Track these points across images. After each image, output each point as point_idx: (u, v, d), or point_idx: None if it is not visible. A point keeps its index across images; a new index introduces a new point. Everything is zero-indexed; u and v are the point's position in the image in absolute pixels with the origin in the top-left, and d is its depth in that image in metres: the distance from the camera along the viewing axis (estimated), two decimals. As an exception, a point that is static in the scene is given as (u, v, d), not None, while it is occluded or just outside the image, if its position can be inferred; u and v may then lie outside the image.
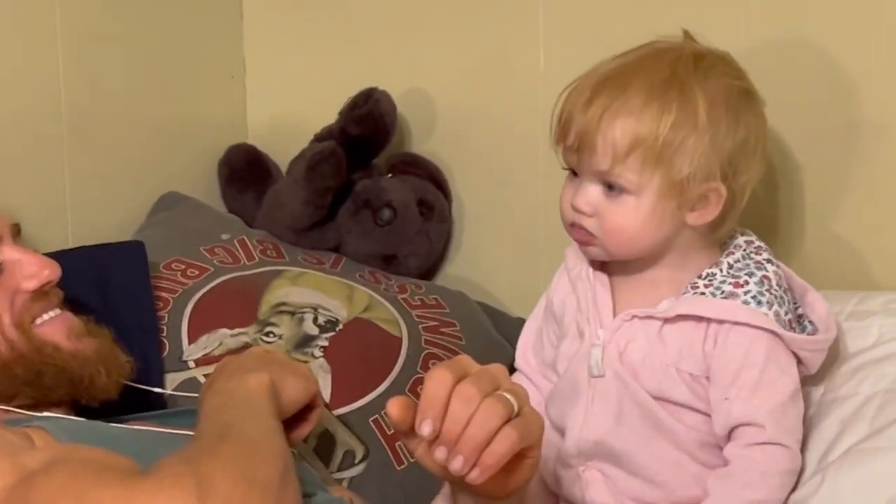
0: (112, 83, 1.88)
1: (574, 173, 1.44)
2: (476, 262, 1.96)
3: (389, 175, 1.94)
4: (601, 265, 1.47)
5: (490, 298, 1.90)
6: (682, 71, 1.41)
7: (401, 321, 1.76)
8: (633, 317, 1.41)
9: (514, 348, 1.67)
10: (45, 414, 1.37)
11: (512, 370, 1.65)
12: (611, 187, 1.41)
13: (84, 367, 1.44)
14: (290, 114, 2.05)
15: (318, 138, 1.89)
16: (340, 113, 1.88)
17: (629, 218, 1.40)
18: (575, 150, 1.40)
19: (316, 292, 1.79)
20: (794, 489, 1.39)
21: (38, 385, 1.41)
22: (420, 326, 1.76)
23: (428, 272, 1.96)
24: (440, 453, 1.13)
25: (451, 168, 1.94)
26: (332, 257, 1.89)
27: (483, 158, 1.92)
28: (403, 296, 1.83)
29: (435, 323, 1.79)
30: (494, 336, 1.83)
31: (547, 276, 1.62)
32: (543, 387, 1.55)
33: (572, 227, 1.45)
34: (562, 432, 1.47)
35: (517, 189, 1.88)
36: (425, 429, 1.11)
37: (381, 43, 1.97)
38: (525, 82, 1.84)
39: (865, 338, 1.48)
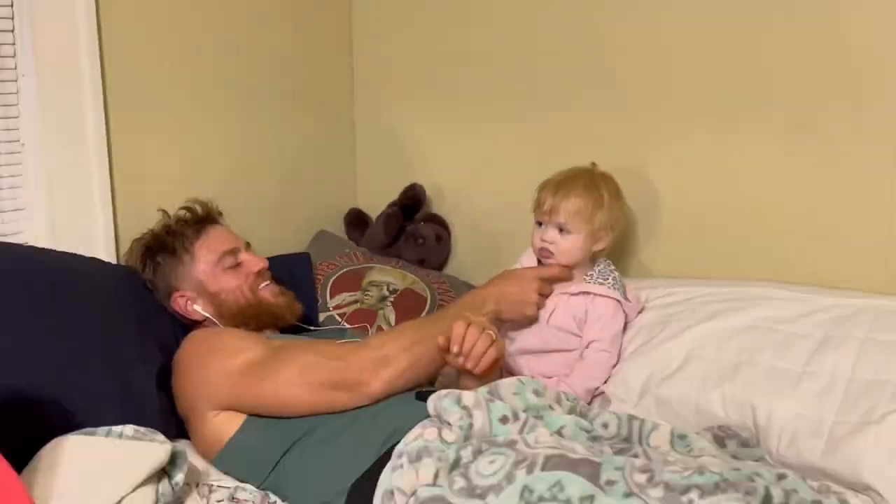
0: (296, 182, 2.34)
1: (539, 224, 1.85)
2: (462, 265, 2.40)
3: (422, 223, 2.37)
4: None
5: (466, 279, 2.33)
6: (597, 179, 1.86)
7: (427, 290, 2.21)
8: (559, 294, 1.85)
9: None
10: (265, 331, 1.82)
11: None
12: (562, 230, 1.83)
13: (280, 310, 1.88)
14: (376, 192, 2.46)
15: (389, 206, 2.38)
16: (400, 193, 2.39)
17: (571, 245, 1.84)
18: (546, 213, 1.82)
19: (388, 276, 2.22)
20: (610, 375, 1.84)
21: (258, 319, 1.84)
22: (436, 291, 2.22)
23: (439, 268, 2.40)
24: (460, 361, 1.57)
25: (451, 221, 2.40)
26: (395, 260, 2.32)
27: (466, 218, 2.37)
28: (428, 278, 2.27)
29: (442, 290, 2.25)
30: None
31: (494, 270, 2.02)
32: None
33: (541, 250, 1.84)
34: (512, 340, 1.89)
35: (480, 230, 2.35)
36: (455, 349, 1.55)
37: (423, 161, 2.40)
38: (500, 180, 2.28)
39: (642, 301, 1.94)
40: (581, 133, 2.12)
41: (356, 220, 2.45)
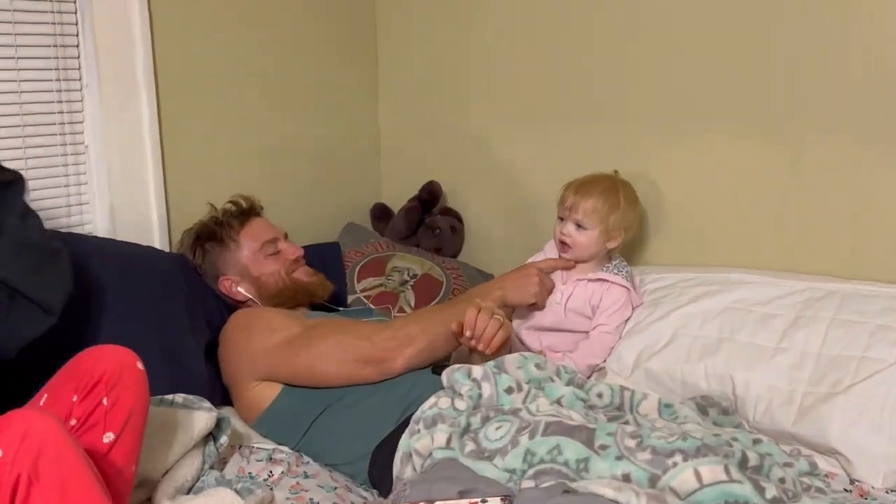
0: (327, 179, 2.35)
1: (561, 219, 1.85)
2: (474, 252, 2.39)
3: (439, 215, 2.38)
4: None
5: (478, 266, 2.34)
6: (616, 184, 1.86)
7: (443, 275, 2.22)
8: (577, 279, 1.86)
9: None
10: (300, 308, 1.84)
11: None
12: (579, 226, 1.84)
13: (313, 288, 1.89)
14: (399, 189, 2.46)
15: (410, 200, 2.39)
16: (419, 189, 2.39)
17: (586, 240, 1.84)
18: (567, 209, 1.82)
19: (409, 263, 2.23)
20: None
21: (294, 299, 1.85)
22: (451, 276, 2.23)
23: (454, 256, 2.40)
24: (473, 343, 1.58)
25: (465, 212, 2.41)
26: (415, 249, 2.33)
27: (478, 211, 2.38)
28: (444, 265, 2.27)
29: (456, 276, 2.24)
30: (480, 281, 2.19)
31: (504, 258, 2.20)
32: None
33: (561, 243, 1.85)
34: (531, 317, 1.90)
35: (491, 222, 2.36)
36: (467, 333, 1.57)
37: (439, 159, 2.42)
38: (495, 179, 2.29)
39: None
40: (586, 142, 2.12)
41: (380, 213, 2.48)
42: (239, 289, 1.84)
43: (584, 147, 2.09)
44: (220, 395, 1.73)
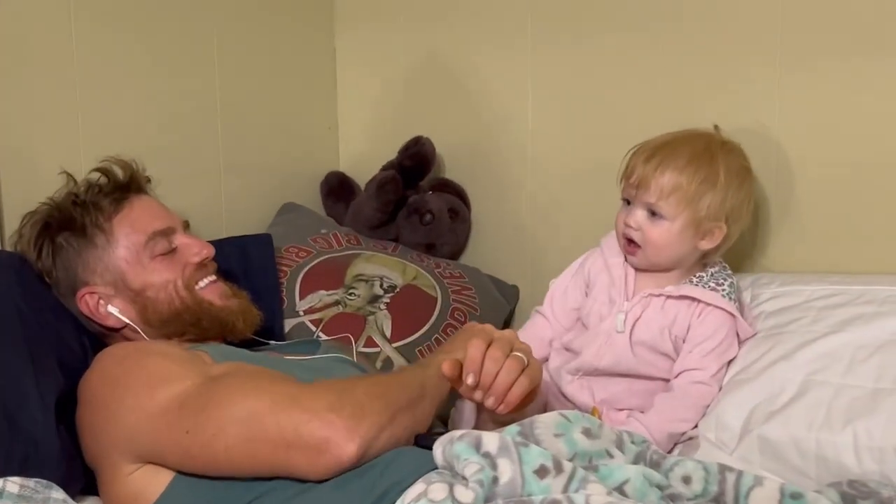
0: (253, 135, 2.47)
1: (627, 203, 1.92)
2: (485, 249, 2.50)
3: (430, 192, 2.47)
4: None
5: (494, 272, 2.45)
6: (712, 148, 1.89)
7: (437, 286, 2.31)
8: (649, 295, 1.92)
9: (509, 305, 2.38)
10: (208, 343, 1.81)
11: (508, 320, 2.30)
12: (653, 213, 1.89)
13: (229, 317, 1.87)
14: (367, 151, 2.58)
15: (385, 168, 2.47)
16: (399, 151, 2.46)
17: (663, 235, 1.89)
18: (635, 187, 1.88)
19: (382, 267, 2.30)
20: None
21: (198, 327, 1.84)
22: (449, 290, 2.32)
23: (454, 255, 2.50)
24: (478, 396, 1.57)
25: (471, 188, 2.52)
26: (392, 245, 2.42)
27: (490, 183, 2.49)
28: (438, 270, 2.36)
29: (458, 287, 2.34)
30: (497, 296, 2.40)
31: (532, 259, 2.39)
32: (556, 326, 2.05)
33: (626, 240, 1.91)
34: (575, 355, 1.96)
35: (512, 202, 2.47)
36: (470, 380, 1.55)
37: (429, 105, 2.55)
38: (517, 136, 2.44)
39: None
40: (671, 70, 2.21)
41: (338, 189, 2.55)
42: (110, 309, 1.84)
43: (667, 76, 2.17)
44: (84, 479, 1.73)
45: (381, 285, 2.26)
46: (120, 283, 1.83)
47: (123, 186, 1.91)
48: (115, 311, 1.83)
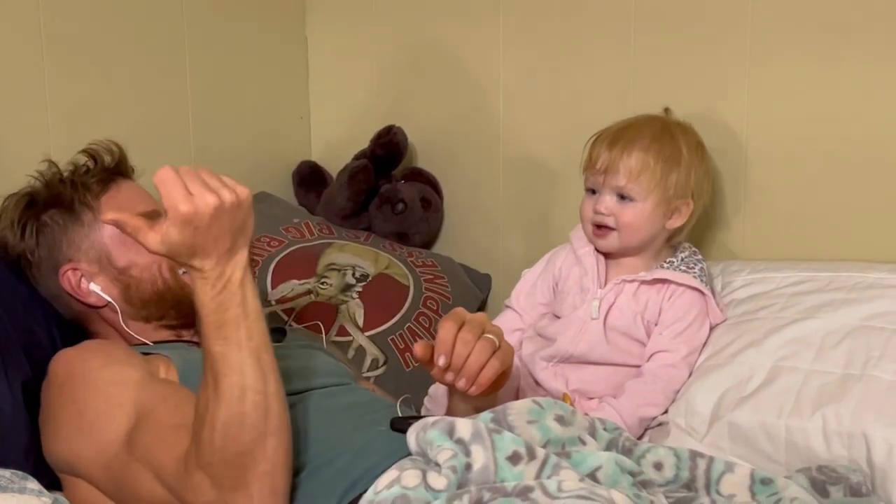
0: (225, 124, 2.49)
1: (592, 192, 1.93)
2: (458, 238, 2.53)
3: (402, 181, 2.50)
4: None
5: (466, 261, 2.48)
6: (671, 128, 1.93)
7: (409, 275, 2.32)
8: (623, 281, 1.94)
9: (481, 292, 2.40)
10: (182, 340, 1.82)
11: (481, 309, 2.32)
12: (622, 197, 1.91)
13: None
14: (339, 140, 2.59)
15: (356, 157, 2.48)
16: (371, 141, 2.48)
17: (637, 217, 1.91)
18: (602, 173, 1.90)
19: (354, 256, 2.32)
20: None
21: (179, 309, 1.82)
22: (421, 279, 2.33)
23: (427, 244, 2.53)
24: (450, 377, 1.57)
25: (443, 177, 2.54)
26: (364, 234, 2.44)
27: (462, 172, 2.52)
28: (411, 259, 2.38)
29: (431, 276, 2.36)
30: (469, 284, 2.42)
31: (504, 248, 2.42)
32: (526, 318, 2.08)
33: (595, 226, 1.92)
34: (549, 342, 1.98)
35: (484, 191, 2.49)
36: (441, 361, 1.55)
37: (401, 94, 2.56)
38: (489, 125, 2.45)
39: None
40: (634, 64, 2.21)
41: (310, 178, 2.56)
42: (92, 286, 1.82)
43: (640, 67, 2.19)
44: (51, 473, 1.70)
45: (354, 274, 2.27)
46: (105, 261, 1.81)
47: (111, 169, 1.89)
48: (97, 289, 1.81)
